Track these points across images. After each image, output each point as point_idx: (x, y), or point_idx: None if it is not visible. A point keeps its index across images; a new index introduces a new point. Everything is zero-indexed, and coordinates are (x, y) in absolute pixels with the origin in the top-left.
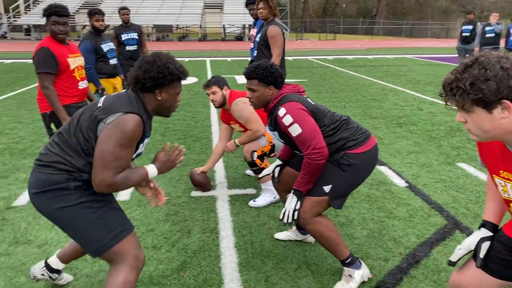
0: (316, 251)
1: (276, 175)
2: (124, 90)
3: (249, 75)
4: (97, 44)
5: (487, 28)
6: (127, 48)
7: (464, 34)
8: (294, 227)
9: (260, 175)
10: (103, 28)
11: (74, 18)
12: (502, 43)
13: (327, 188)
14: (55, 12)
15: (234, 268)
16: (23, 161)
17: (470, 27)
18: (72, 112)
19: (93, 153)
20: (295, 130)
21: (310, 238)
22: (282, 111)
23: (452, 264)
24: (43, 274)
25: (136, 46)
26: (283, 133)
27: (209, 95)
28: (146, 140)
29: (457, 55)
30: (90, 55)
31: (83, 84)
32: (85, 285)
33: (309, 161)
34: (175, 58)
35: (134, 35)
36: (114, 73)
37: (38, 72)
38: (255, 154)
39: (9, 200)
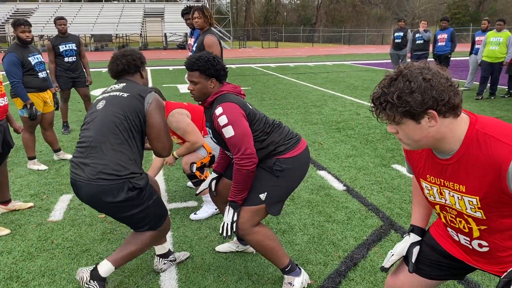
0: (257, 261)
1: (213, 188)
2: (119, 85)
3: (190, 67)
4: (24, 56)
5: (417, 35)
6: (66, 59)
7: (396, 40)
8: (235, 238)
9: (197, 191)
10: (30, 39)
11: (3, 28)
12: (431, 48)
13: (262, 196)
14: None
15: (174, 285)
16: None
17: (401, 33)
18: None
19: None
20: (228, 132)
21: (251, 249)
22: (219, 110)
23: (385, 270)
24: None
25: (75, 57)
26: (217, 132)
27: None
28: None
29: (391, 61)
30: (16, 68)
31: (3, 101)
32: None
33: (238, 167)
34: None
35: (73, 46)
36: (44, 86)
37: None
38: (194, 166)
39: None
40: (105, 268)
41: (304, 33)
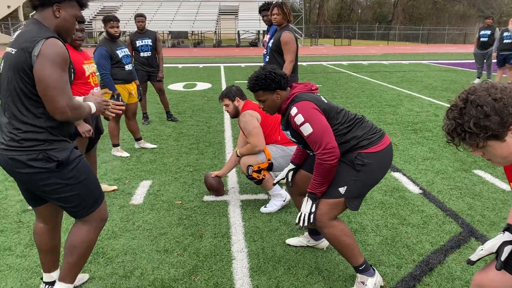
0: (328, 257)
1: (289, 179)
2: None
3: (252, 89)
4: (112, 50)
5: (505, 34)
6: (141, 54)
7: (482, 39)
8: (306, 233)
9: (275, 181)
10: (118, 34)
11: (91, 24)
12: None
13: (342, 190)
14: None
15: (245, 273)
16: None
17: (488, 32)
18: (87, 118)
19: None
20: (307, 130)
21: (322, 244)
22: (294, 110)
23: (471, 263)
24: None
25: (150, 52)
26: (295, 132)
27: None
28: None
29: (474, 61)
30: (105, 61)
31: (97, 90)
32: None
33: (320, 161)
34: None
35: (149, 42)
36: (130, 78)
37: None
38: (251, 169)
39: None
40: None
41: (379, 31)
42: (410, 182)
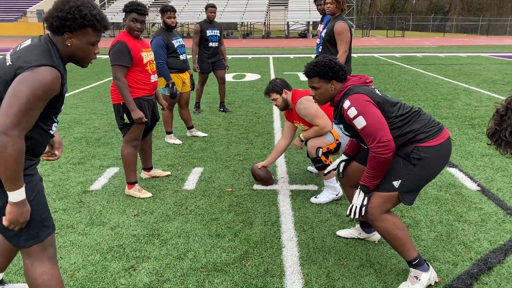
0: (380, 251)
1: (341, 169)
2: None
3: (309, 74)
4: (169, 40)
5: None
6: (210, 44)
7: None
8: (357, 225)
9: (325, 171)
10: (174, 25)
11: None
12: None
13: (396, 183)
14: (136, 10)
15: (295, 261)
16: (98, 149)
17: None
18: (144, 104)
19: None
20: (360, 123)
21: (374, 237)
22: (347, 103)
23: None
24: None
25: (217, 43)
26: (349, 125)
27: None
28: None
29: None
30: (162, 50)
31: (154, 78)
32: None
33: (375, 154)
34: (96, 6)
35: (217, 32)
36: (183, 68)
37: (112, 64)
38: (320, 151)
39: (85, 184)
40: None
41: (434, 22)
42: (467, 179)
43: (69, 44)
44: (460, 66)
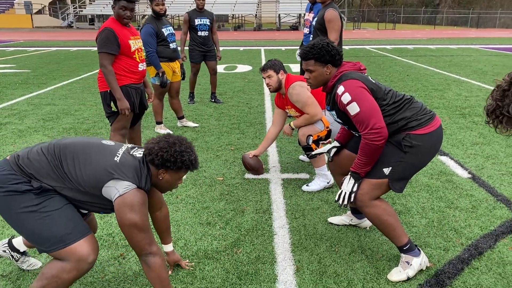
0: (371, 237)
1: (331, 154)
2: (141, 155)
3: (305, 56)
4: (158, 28)
5: None
6: (199, 33)
7: None
8: (348, 212)
9: (313, 152)
10: (163, 12)
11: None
12: None
13: (386, 170)
14: None
15: (287, 248)
16: None
17: None
18: (131, 92)
19: (78, 187)
20: (354, 109)
21: (365, 223)
22: (340, 89)
23: None
24: (4, 251)
25: (207, 32)
26: (342, 112)
27: (264, 78)
28: None
29: None
30: (151, 38)
31: (142, 66)
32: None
33: (367, 141)
34: (194, 149)
35: (207, 21)
36: (174, 57)
37: (99, 51)
38: (311, 139)
39: None
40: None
41: (425, 15)
42: (458, 166)
43: (161, 178)
44: (451, 57)
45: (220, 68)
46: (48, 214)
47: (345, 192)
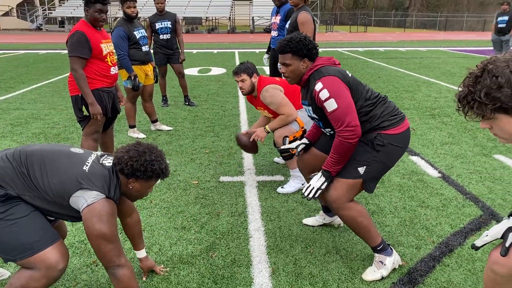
0: (346, 237)
1: (299, 149)
2: (109, 164)
3: (282, 49)
4: (130, 30)
5: None
6: (161, 36)
7: (499, 25)
8: (321, 211)
9: (282, 147)
10: (135, 14)
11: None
12: None
13: (361, 170)
14: (101, 1)
15: (263, 250)
16: None
17: (506, 18)
18: (104, 96)
19: (45, 196)
20: (331, 106)
21: (337, 220)
22: (319, 85)
23: (475, 248)
24: None
25: (169, 34)
26: (318, 108)
27: (238, 82)
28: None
29: (493, 48)
30: (123, 41)
31: (114, 70)
32: None
33: (341, 139)
34: (165, 157)
35: (168, 24)
36: (146, 60)
37: (70, 55)
38: (287, 140)
39: None
40: None
41: (395, 18)
42: (429, 166)
43: (131, 187)
44: (420, 59)
45: (194, 71)
46: (15, 222)
47: (313, 187)
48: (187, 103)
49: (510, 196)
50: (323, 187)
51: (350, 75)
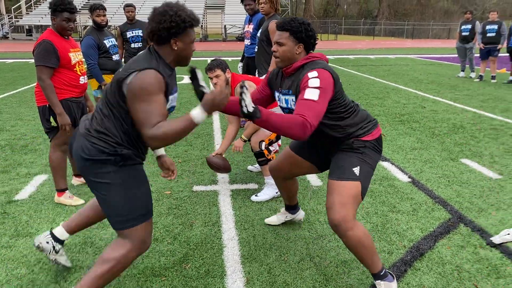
0: (319, 244)
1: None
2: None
3: (282, 26)
4: (100, 39)
5: (487, 27)
6: (132, 45)
7: (463, 33)
8: (282, 209)
9: (260, 149)
10: (105, 23)
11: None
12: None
13: (356, 170)
14: (68, 9)
15: (237, 260)
16: (24, 157)
17: (469, 26)
18: (73, 106)
19: (128, 118)
20: (312, 95)
21: (298, 217)
22: (313, 73)
23: (492, 245)
24: (47, 242)
25: (141, 43)
26: (296, 93)
27: (211, 78)
28: (175, 94)
29: (457, 55)
30: (93, 50)
31: (83, 79)
32: None
33: (301, 121)
34: (185, 6)
35: (139, 32)
36: (117, 68)
37: (37, 64)
38: (263, 144)
39: (10, 194)
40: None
41: (365, 26)
42: (399, 171)
43: (176, 48)
44: (389, 67)
45: None
46: (134, 193)
47: (245, 100)
48: None
49: (476, 199)
50: (247, 104)
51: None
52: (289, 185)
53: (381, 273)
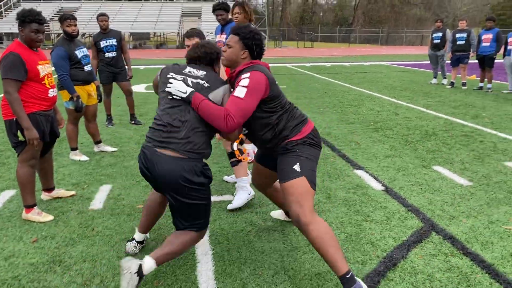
0: (294, 256)
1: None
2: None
3: (234, 30)
4: (71, 50)
5: (457, 35)
6: (106, 54)
7: (434, 41)
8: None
9: (233, 148)
10: (76, 33)
11: (48, 26)
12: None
13: (297, 167)
14: (37, 20)
15: (210, 276)
16: None
17: (440, 34)
18: (41, 120)
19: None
20: (240, 92)
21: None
22: (247, 74)
23: None
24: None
25: (115, 52)
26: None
27: (189, 46)
28: None
29: (429, 62)
30: (64, 62)
31: (53, 92)
32: None
33: (226, 117)
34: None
35: (113, 42)
36: (89, 79)
37: (3, 78)
38: (235, 144)
39: None
40: (148, 265)
41: (340, 33)
42: (373, 179)
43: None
44: (364, 74)
45: (141, 88)
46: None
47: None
48: (133, 122)
49: (448, 207)
50: (181, 88)
51: (276, 82)
52: (273, 194)
53: (347, 276)
